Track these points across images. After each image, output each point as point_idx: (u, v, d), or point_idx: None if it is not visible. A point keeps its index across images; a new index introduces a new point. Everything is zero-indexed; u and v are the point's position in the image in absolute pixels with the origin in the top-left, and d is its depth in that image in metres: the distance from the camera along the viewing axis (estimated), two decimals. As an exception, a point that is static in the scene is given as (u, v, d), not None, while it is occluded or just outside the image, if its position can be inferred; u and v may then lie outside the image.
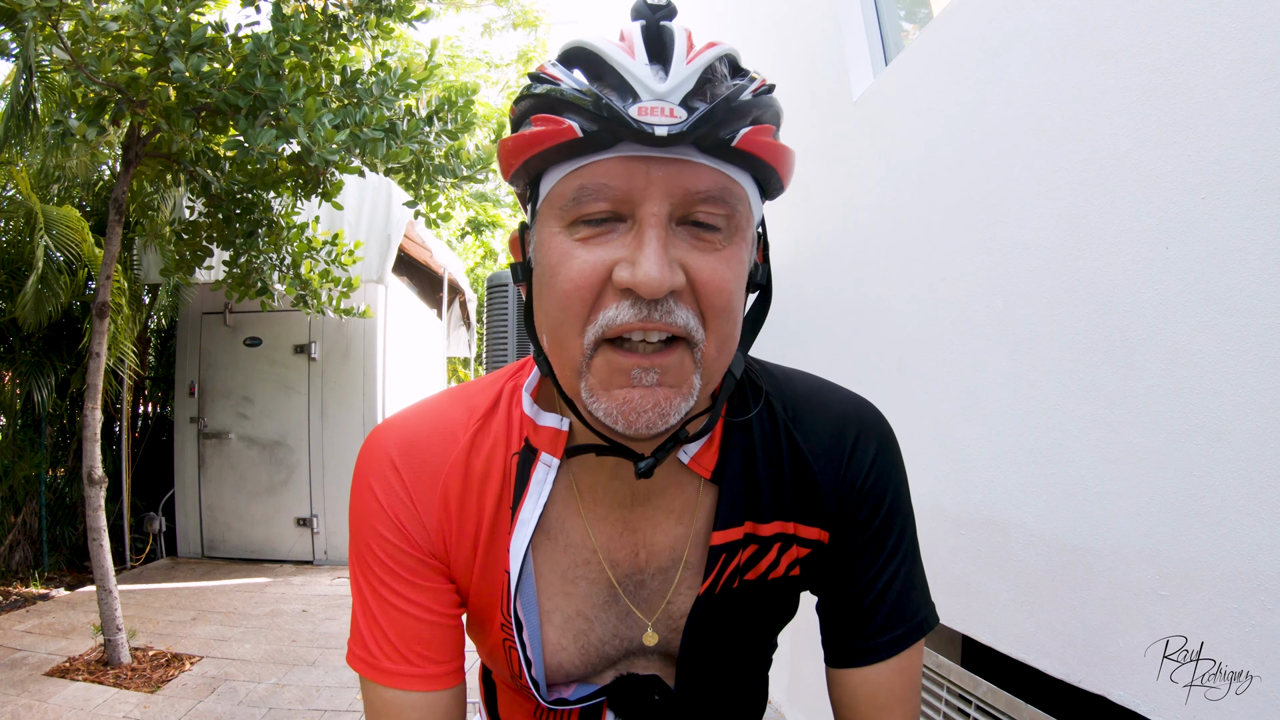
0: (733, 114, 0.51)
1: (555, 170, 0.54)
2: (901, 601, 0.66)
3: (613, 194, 0.51)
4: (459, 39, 10.66)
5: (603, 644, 0.68)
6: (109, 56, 2.64)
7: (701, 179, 0.51)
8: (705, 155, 0.51)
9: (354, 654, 0.65)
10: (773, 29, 2.82)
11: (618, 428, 0.53)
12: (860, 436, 0.67)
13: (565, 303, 0.53)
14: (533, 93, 0.53)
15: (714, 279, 0.53)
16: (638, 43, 0.52)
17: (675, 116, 0.49)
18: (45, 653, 3.21)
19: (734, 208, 0.53)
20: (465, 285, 7.72)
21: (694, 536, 0.67)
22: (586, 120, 0.50)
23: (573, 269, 0.52)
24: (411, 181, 3.82)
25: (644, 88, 0.50)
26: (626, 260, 0.51)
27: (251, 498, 5.23)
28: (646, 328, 0.51)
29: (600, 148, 0.51)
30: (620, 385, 0.53)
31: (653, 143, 0.49)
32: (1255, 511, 0.85)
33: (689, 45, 0.52)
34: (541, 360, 0.60)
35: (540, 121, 0.52)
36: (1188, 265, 0.95)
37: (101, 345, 3.12)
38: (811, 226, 2.39)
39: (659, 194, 0.51)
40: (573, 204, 0.52)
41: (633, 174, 0.51)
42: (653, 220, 0.51)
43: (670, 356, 0.53)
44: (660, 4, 0.53)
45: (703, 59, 0.51)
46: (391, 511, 0.64)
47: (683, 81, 0.50)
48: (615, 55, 0.51)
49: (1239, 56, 0.88)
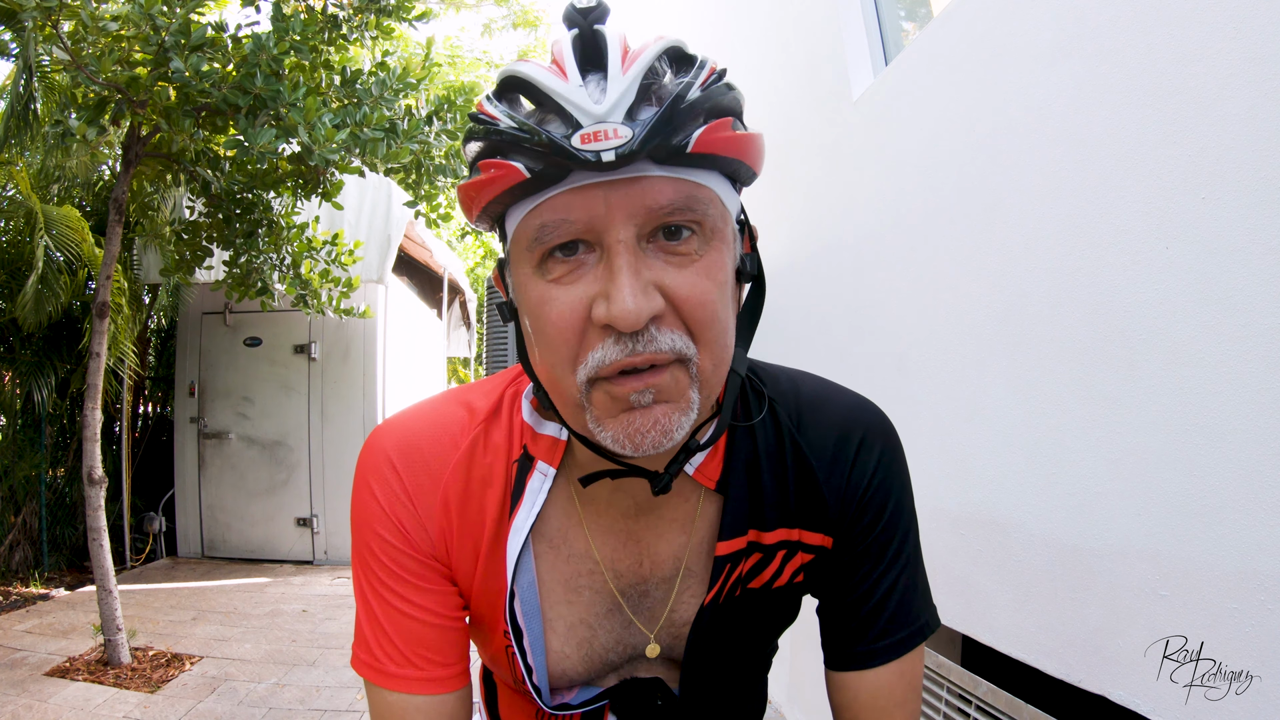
0: (682, 117, 0.48)
1: (515, 211, 0.52)
2: (903, 606, 0.66)
3: (574, 227, 0.49)
4: (459, 39, 10.66)
5: (606, 651, 0.68)
6: (109, 56, 2.63)
7: (663, 193, 0.49)
8: (663, 166, 0.49)
9: (358, 658, 0.65)
10: (773, 29, 2.82)
11: (626, 451, 0.52)
12: (865, 441, 0.66)
13: (553, 346, 0.52)
14: (474, 135, 0.52)
15: (694, 294, 0.50)
16: (568, 60, 0.49)
17: (620, 136, 0.46)
18: (45, 653, 3.21)
19: (704, 213, 0.51)
20: (465, 285, 7.73)
21: (696, 545, 0.67)
22: (530, 160, 0.48)
23: (552, 313, 0.51)
24: (411, 181, 3.82)
25: (582, 112, 0.47)
26: (601, 295, 0.49)
27: (251, 498, 5.23)
28: (635, 363, 0.50)
29: (551, 182, 0.49)
30: (622, 410, 0.52)
31: (603, 168, 0.47)
32: (1255, 511, 0.85)
33: (624, 51, 0.49)
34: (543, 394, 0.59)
35: (486, 167, 0.50)
36: (1188, 265, 0.95)
37: (101, 345, 3.12)
38: (811, 226, 2.39)
39: (621, 218, 0.48)
40: (536, 243, 0.51)
41: (591, 202, 0.48)
42: (620, 247, 0.49)
43: (663, 375, 0.51)
44: (590, 6, 0.50)
45: (640, 63, 0.48)
46: (392, 513, 0.64)
47: (622, 95, 0.47)
48: (547, 81, 0.48)
49: (1239, 56, 0.88)
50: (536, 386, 0.60)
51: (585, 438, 0.57)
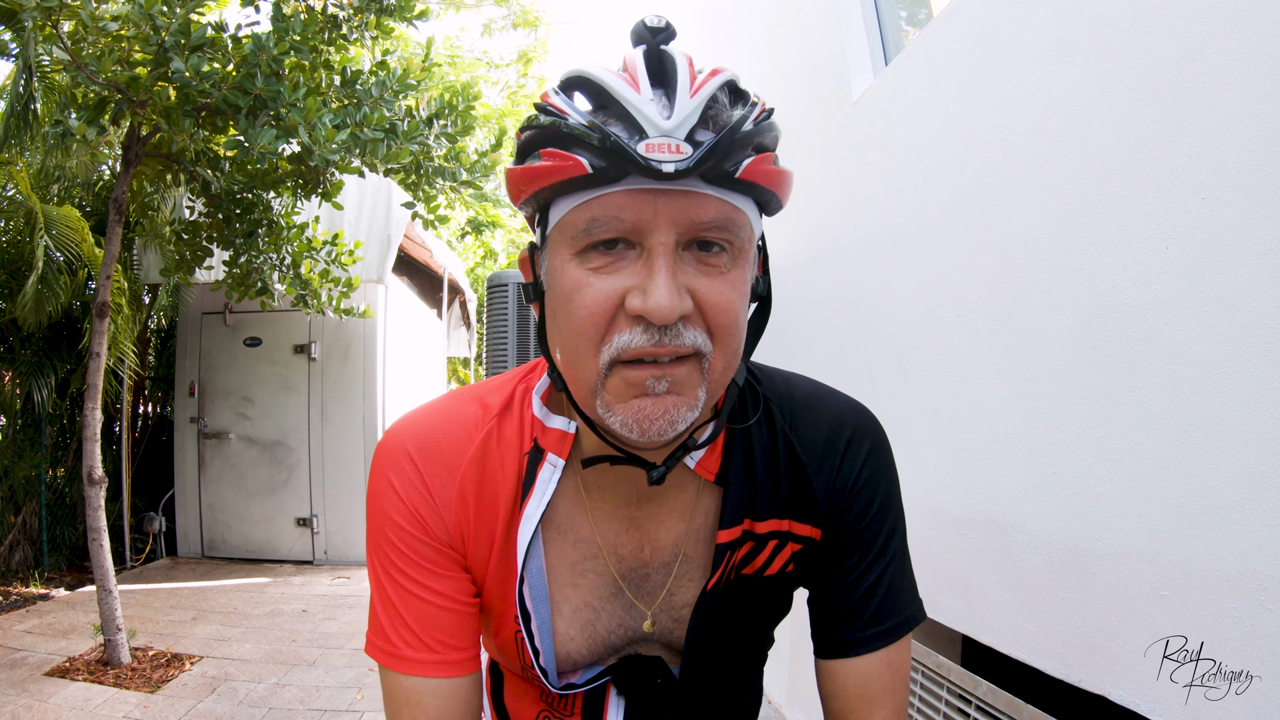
0: (735, 146, 0.52)
1: (564, 201, 0.56)
2: (890, 597, 0.69)
3: (622, 225, 0.53)
4: (459, 39, 10.66)
5: (609, 633, 0.71)
6: (109, 56, 2.63)
7: (707, 209, 0.53)
8: (710, 186, 0.53)
9: (373, 644, 0.67)
10: (773, 29, 2.82)
11: (632, 436, 0.56)
12: (853, 439, 0.70)
13: (580, 328, 0.55)
14: (539, 124, 0.55)
15: (720, 301, 0.55)
16: (641, 73, 0.53)
17: (681, 153, 0.51)
18: (45, 653, 3.21)
19: (737, 233, 0.56)
20: (465, 285, 7.73)
21: (694, 533, 0.70)
22: (595, 156, 0.52)
23: (587, 297, 0.54)
24: (411, 182, 3.83)
25: (650, 124, 0.51)
26: (638, 289, 0.53)
27: (251, 498, 5.23)
28: (658, 353, 0.54)
29: (609, 181, 0.52)
30: (635, 396, 0.55)
31: (660, 178, 0.51)
32: (1255, 511, 0.85)
33: (691, 75, 0.53)
34: (556, 376, 0.62)
35: (549, 156, 0.54)
36: (1188, 265, 0.95)
37: (101, 345, 3.12)
38: (811, 226, 2.39)
39: (666, 224, 0.53)
40: (584, 234, 0.54)
41: (641, 206, 0.53)
42: (661, 249, 0.53)
43: (680, 369, 0.55)
44: (660, 27, 0.54)
45: (706, 90, 0.53)
46: (409, 502, 0.66)
47: (688, 116, 0.51)
48: (620, 89, 0.52)
49: (1239, 56, 0.88)
50: (551, 369, 0.63)
51: (593, 423, 0.60)
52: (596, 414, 0.57)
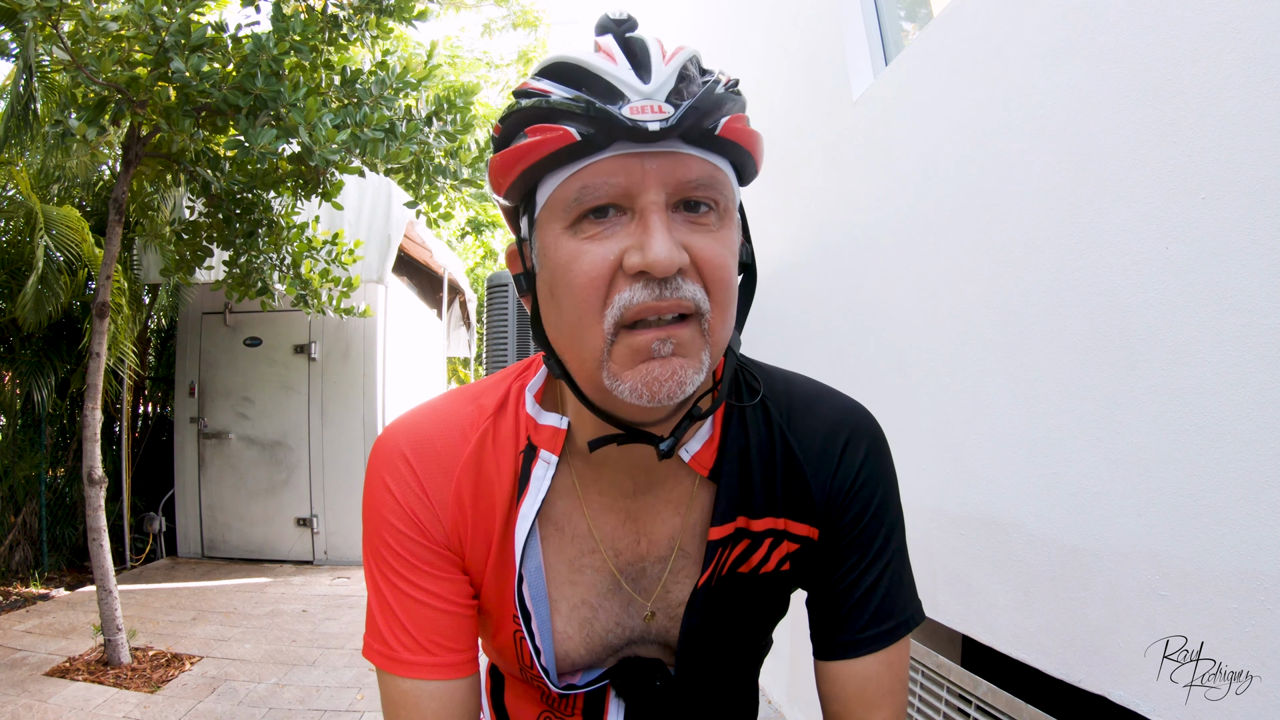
0: (713, 105, 0.55)
1: (553, 177, 0.57)
2: (888, 599, 0.69)
3: (613, 190, 0.55)
4: (459, 39, 10.65)
5: (606, 632, 0.71)
6: (109, 56, 2.63)
7: (691, 168, 0.55)
8: (692, 146, 0.55)
9: (370, 647, 0.67)
10: (773, 29, 2.82)
11: (641, 401, 0.56)
12: (851, 440, 0.69)
13: (582, 294, 0.55)
14: (520, 107, 0.57)
15: (714, 255, 0.57)
16: (616, 50, 0.56)
17: (664, 113, 0.53)
18: (45, 653, 3.21)
19: (722, 192, 0.58)
20: (465, 285, 7.73)
21: (689, 528, 0.70)
22: (582, 125, 0.53)
23: (585, 263, 0.55)
24: (411, 182, 3.83)
25: (631, 89, 0.54)
26: (635, 247, 0.55)
27: (251, 498, 5.23)
28: (661, 307, 0.55)
29: (597, 149, 0.54)
30: (641, 360, 0.55)
31: (645, 139, 0.53)
32: (1255, 511, 0.85)
33: (662, 50, 0.57)
34: (554, 363, 0.62)
35: (536, 131, 0.55)
36: (1188, 265, 0.95)
37: (101, 345, 3.12)
38: (811, 226, 2.39)
39: (656, 184, 0.55)
40: (575, 204, 0.55)
41: (630, 170, 0.54)
42: (654, 207, 0.55)
43: (683, 330, 0.56)
44: (623, 18, 0.58)
45: (678, 59, 0.56)
46: (405, 504, 0.66)
47: (665, 81, 0.54)
48: (599, 63, 0.55)
49: (1239, 56, 0.88)
50: (548, 357, 0.62)
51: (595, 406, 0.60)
52: (603, 388, 0.57)
